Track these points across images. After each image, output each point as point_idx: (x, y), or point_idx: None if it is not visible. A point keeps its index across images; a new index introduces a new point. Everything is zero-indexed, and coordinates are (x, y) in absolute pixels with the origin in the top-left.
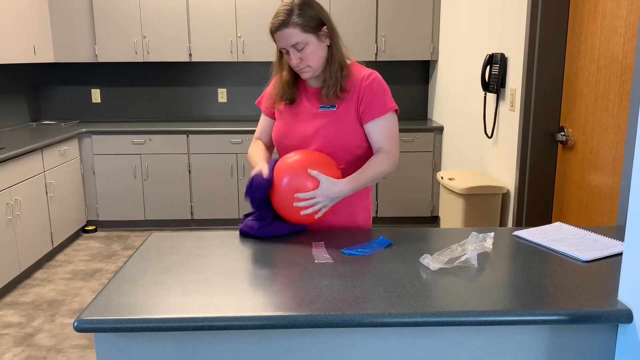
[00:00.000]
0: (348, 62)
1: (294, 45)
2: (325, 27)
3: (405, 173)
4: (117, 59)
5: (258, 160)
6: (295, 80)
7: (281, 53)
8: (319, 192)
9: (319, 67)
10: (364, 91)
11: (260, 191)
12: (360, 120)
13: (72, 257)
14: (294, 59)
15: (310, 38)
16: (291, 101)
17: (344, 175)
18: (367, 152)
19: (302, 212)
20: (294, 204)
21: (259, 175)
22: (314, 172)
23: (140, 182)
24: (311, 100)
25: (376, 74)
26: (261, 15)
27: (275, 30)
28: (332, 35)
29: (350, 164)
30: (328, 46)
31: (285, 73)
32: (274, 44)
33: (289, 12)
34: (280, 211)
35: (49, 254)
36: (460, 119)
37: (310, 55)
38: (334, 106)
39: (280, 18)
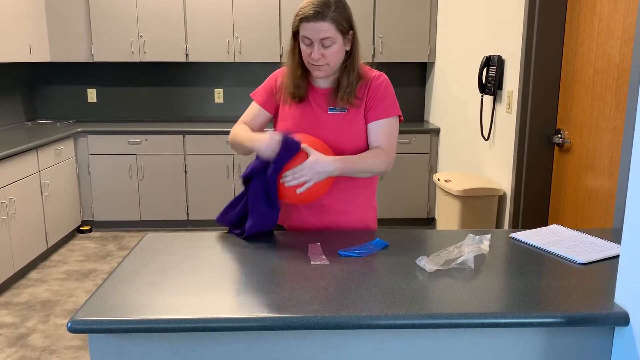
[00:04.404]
0: None
1: (322, 40)
2: (351, 32)
3: (401, 175)
4: (113, 59)
5: (257, 135)
6: (304, 77)
7: (295, 43)
8: (306, 164)
9: (334, 68)
10: (373, 91)
11: (293, 151)
12: (365, 119)
13: (67, 257)
14: (316, 53)
15: (339, 38)
16: (300, 99)
17: (342, 177)
18: None
19: (287, 184)
20: (281, 180)
21: (293, 136)
22: (305, 146)
23: (135, 182)
24: (319, 101)
25: (385, 76)
26: (258, 15)
27: (310, 19)
28: (355, 42)
29: None
30: (347, 51)
31: (295, 67)
32: (270, 42)
33: (327, 5)
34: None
35: (43, 254)
36: (457, 121)
37: (333, 55)
38: (345, 108)
39: (317, 9)
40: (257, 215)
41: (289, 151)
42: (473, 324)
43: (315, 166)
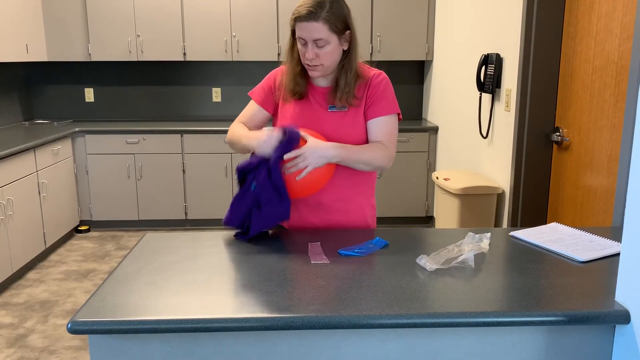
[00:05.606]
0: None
1: (315, 40)
2: (348, 32)
3: (400, 173)
4: (110, 58)
5: (254, 133)
6: (303, 74)
7: (294, 41)
8: (305, 148)
9: (330, 68)
10: (373, 89)
11: (294, 143)
12: (365, 117)
13: (65, 257)
14: (310, 53)
15: (333, 38)
16: (301, 96)
17: (341, 175)
18: None
19: (287, 171)
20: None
21: (294, 129)
22: (304, 133)
23: (134, 181)
24: (319, 99)
25: (385, 75)
26: (256, 14)
27: (302, 19)
28: (352, 41)
29: None
30: (345, 50)
31: (294, 64)
32: (268, 40)
33: (321, 5)
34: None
35: (41, 254)
36: (456, 119)
37: (327, 55)
38: (345, 107)
39: (311, 9)
40: (268, 209)
41: (290, 143)
42: (474, 322)
43: (315, 151)
